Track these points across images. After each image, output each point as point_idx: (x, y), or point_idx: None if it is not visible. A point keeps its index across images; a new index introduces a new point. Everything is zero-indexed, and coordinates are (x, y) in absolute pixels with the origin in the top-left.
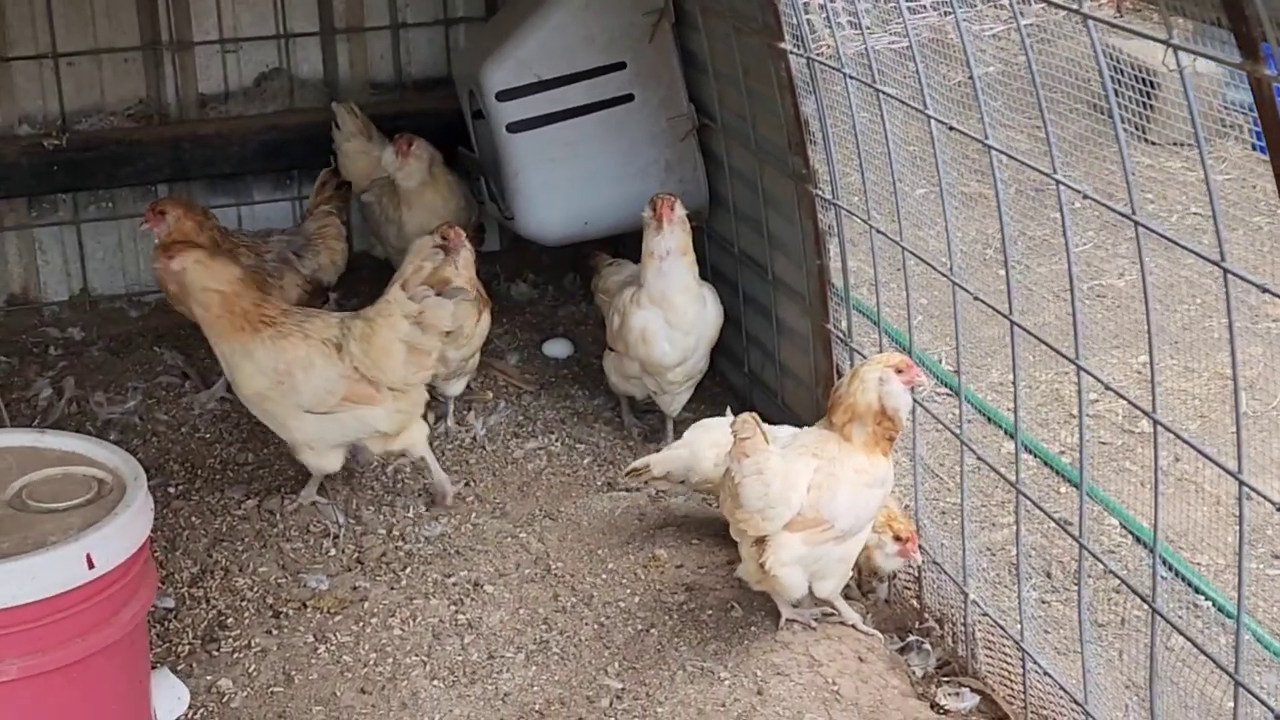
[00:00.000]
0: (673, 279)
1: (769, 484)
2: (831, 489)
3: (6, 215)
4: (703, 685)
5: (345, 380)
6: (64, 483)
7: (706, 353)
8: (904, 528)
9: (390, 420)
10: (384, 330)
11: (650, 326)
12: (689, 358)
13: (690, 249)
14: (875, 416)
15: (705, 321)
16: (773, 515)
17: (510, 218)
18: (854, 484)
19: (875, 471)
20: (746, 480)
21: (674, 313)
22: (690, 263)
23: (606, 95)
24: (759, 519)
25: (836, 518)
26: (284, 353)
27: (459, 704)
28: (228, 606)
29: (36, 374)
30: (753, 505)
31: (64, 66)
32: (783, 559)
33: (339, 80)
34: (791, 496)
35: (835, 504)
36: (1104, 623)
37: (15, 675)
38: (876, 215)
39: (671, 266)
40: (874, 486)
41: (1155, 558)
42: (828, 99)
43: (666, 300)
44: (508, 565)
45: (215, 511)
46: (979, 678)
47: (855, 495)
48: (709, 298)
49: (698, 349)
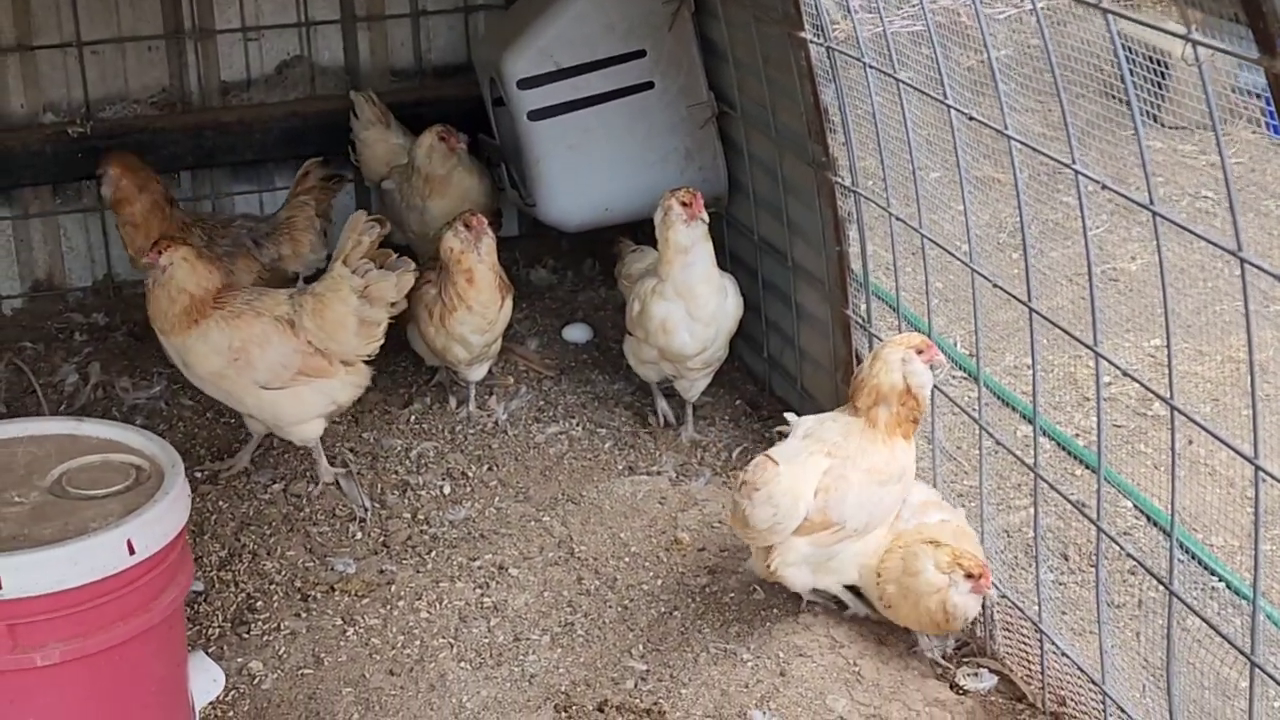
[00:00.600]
0: (696, 270)
1: (778, 505)
2: (841, 492)
3: (32, 202)
4: (726, 666)
5: (300, 354)
6: (103, 470)
7: (726, 342)
8: (973, 564)
9: (346, 392)
10: (335, 304)
11: (672, 317)
12: (708, 347)
13: (709, 243)
14: (900, 397)
15: (725, 313)
16: (780, 529)
17: (531, 204)
18: (865, 484)
19: (892, 466)
20: (756, 510)
21: (696, 305)
22: (710, 251)
23: (627, 83)
24: (768, 535)
25: (846, 519)
26: (238, 331)
27: (486, 685)
28: (256, 590)
29: (62, 360)
30: (761, 526)
31: (88, 55)
32: (789, 560)
33: (360, 68)
34: (799, 507)
35: (844, 506)
36: (1120, 604)
37: (59, 659)
38: (894, 201)
39: (697, 258)
40: (889, 483)
41: (1173, 541)
42: (845, 83)
43: (690, 292)
44: (531, 549)
45: (242, 496)
46: (997, 659)
47: (866, 495)
48: (730, 289)
49: (717, 339)
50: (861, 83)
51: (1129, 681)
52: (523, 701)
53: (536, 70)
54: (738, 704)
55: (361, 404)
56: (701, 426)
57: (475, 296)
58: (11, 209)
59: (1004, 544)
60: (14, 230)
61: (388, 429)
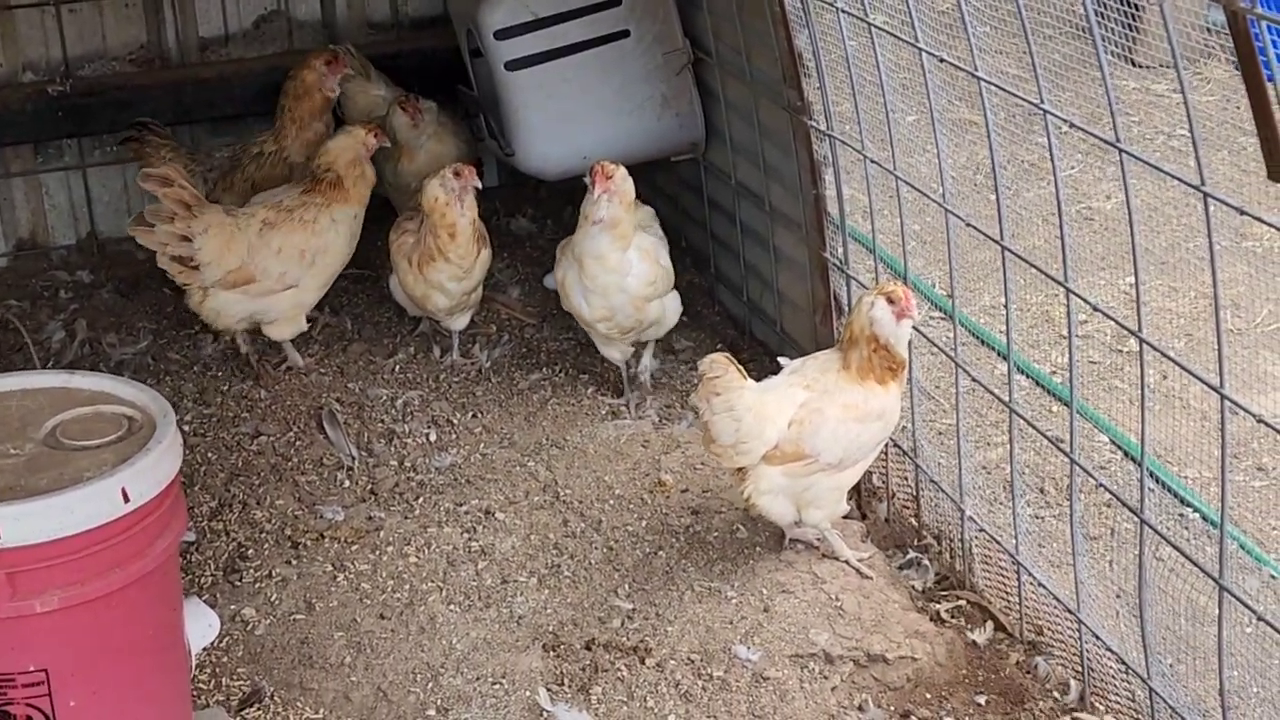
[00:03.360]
0: (590, 244)
1: (740, 419)
2: (815, 424)
3: (13, 161)
4: (710, 604)
5: None
6: (95, 421)
7: (644, 316)
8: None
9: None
10: None
11: (568, 279)
12: (613, 317)
13: (622, 223)
14: (868, 342)
15: (623, 290)
16: (746, 449)
17: (510, 154)
18: (841, 419)
19: (869, 405)
20: (716, 418)
21: (586, 275)
22: (617, 236)
23: (603, 32)
24: (732, 453)
25: (820, 452)
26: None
27: (475, 627)
28: (247, 539)
29: (48, 317)
30: (724, 440)
31: (66, 13)
32: (761, 489)
33: (337, 21)
34: (766, 430)
35: (818, 438)
36: (1095, 535)
37: (58, 605)
38: (869, 144)
39: (598, 233)
40: (867, 420)
41: (1143, 470)
42: (820, 28)
43: (580, 261)
44: (517, 493)
45: (230, 447)
46: (976, 591)
47: (842, 429)
48: (637, 268)
49: (621, 311)
50: (835, 27)
51: (1104, 610)
52: (511, 642)
53: (513, 20)
54: (722, 640)
55: (346, 354)
56: (683, 371)
57: (454, 249)
58: None
59: (983, 480)
60: None
61: (373, 379)
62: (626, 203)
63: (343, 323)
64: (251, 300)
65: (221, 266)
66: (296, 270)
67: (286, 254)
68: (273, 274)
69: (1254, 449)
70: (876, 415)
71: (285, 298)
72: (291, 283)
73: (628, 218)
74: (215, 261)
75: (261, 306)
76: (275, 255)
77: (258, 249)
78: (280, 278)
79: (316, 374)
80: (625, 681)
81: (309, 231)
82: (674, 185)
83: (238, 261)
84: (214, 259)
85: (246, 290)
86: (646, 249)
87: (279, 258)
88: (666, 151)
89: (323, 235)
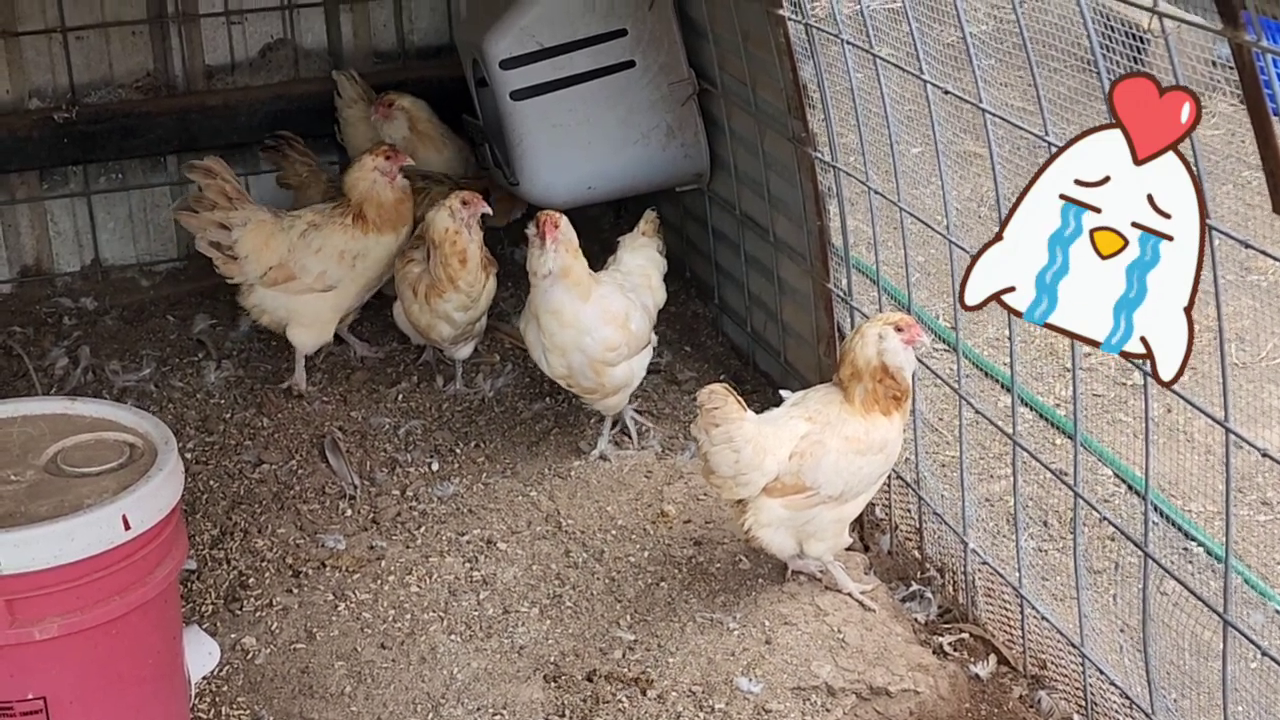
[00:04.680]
0: (544, 299)
1: (739, 450)
2: (816, 456)
3: (18, 188)
4: (712, 635)
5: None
6: (96, 448)
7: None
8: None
9: None
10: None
11: (529, 334)
12: (572, 376)
13: (573, 270)
14: (875, 373)
15: (580, 349)
16: (745, 481)
17: (515, 183)
18: (842, 451)
19: (872, 437)
20: (715, 449)
21: (544, 332)
22: (571, 284)
23: (608, 62)
24: (731, 484)
25: (820, 484)
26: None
27: (476, 657)
28: (248, 567)
29: (52, 344)
30: (724, 472)
31: (72, 40)
32: (762, 521)
33: (343, 50)
34: (766, 462)
35: (819, 471)
36: (1099, 569)
37: (57, 633)
38: (874, 175)
39: (549, 287)
40: (868, 453)
41: (1147, 504)
42: (825, 59)
43: (538, 317)
44: (519, 523)
45: (233, 475)
46: (979, 624)
47: (843, 462)
48: (600, 331)
49: (580, 373)
50: (841, 59)
51: (1107, 644)
52: (512, 672)
53: (519, 50)
54: (724, 672)
55: (349, 383)
56: (686, 402)
57: (464, 276)
58: None
59: (986, 512)
60: (1, 216)
61: (376, 407)
62: (573, 249)
63: (346, 352)
64: (291, 299)
65: (261, 262)
66: (336, 270)
67: (326, 253)
68: (312, 272)
69: (1259, 483)
70: (878, 448)
71: (326, 300)
72: (332, 283)
73: (578, 264)
74: (253, 256)
75: (299, 305)
76: (314, 254)
77: (298, 248)
78: (320, 276)
79: (319, 402)
80: (626, 713)
81: (349, 235)
82: (678, 216)
83: (277, 259)
84: (251, 253)
85: (288, 288)
86: (615, 312)
87: (318, 256)
88: (671, 182)
89: (363, 240)
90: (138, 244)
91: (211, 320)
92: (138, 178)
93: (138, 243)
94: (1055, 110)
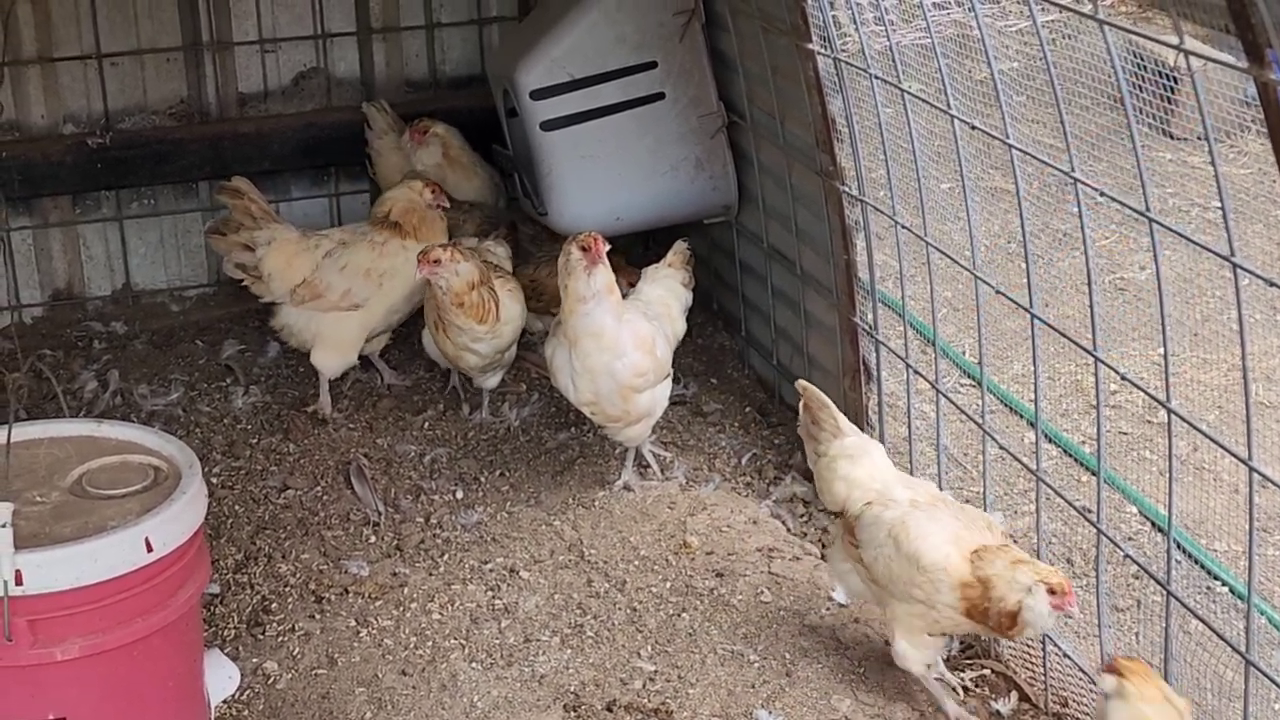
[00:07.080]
0: (586, 322)
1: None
2: None
3: (51, 212)
4: (733, 667)
5: None
6: (121, 470)
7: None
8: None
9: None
10: None
11: (557, 358)
12: (599, 403)
13: (612, 285)
14: (1001, 616)
15: (610, 374)
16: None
17: (544, 213)
18: None
19: None
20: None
21: (579, 354)
22: (615, 302)
23: (638, 94)
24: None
25: None
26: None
27: (496, 685)
28: (271, 592)
29: (81, 367)
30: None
31: (107, 67)
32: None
33: (375, 79)
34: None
35: None
36: (1122, 607)
37: (78, 654)
38: (901, 210)
39: (593, 309)
40: None
41: (1169, 542)
42: (854, 94)
43: (576, 340)
44: (542, 552)
45: (258, 500)
46: (1001, 660)
47: None
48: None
49: (607, 399)
50: (869, 94)
51: None
52: (533, 701)
53: (549, 81)
54: (744, 704)
55: (376, 410)
56: (711, 434)
57: (459, 317)
58: (32, 218)
59: None
60: (34, 239)
61: (402, 435)
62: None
63: (373, 379)
64: (318, 318)
65: (286, 280)
66: (362, 288)
67: (351, 270)
68: (337, 290)
69: None
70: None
71: (353, 319)
72: (358, 301)
73: (612, 276)
74: (278, 274)
75: (326, 325)
76: (339, 271)
77: (324, 266)
78: (345, 294)
79: (345, 429)
80: None
81: (377, 253)
82: (706, 247)
83: (301, 277)
84: (276, 271)
85: (315, 306)
86: (643, 336)
87: (343, 274)
88: (699, 214)
89: (391, 258)
90: (168, 269)
91: (240, 345)
92: (169, 203)
93: (168, 268)
94: (1084, 148)
